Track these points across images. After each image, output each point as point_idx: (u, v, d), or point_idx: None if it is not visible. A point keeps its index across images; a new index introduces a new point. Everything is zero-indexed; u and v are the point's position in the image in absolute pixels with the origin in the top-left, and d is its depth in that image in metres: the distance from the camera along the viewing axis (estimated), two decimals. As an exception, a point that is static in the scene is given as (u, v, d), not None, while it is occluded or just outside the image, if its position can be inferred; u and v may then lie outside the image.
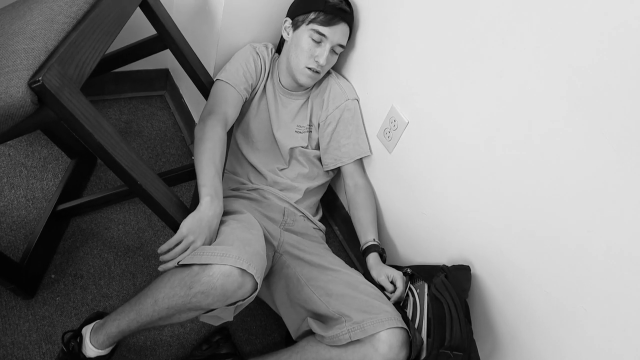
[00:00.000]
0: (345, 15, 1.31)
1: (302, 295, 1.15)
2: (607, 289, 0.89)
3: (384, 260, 1.30)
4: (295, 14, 1.33)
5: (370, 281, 1.21)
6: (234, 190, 1.38)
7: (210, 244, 1.02)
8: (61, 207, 1.34)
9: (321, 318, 1.12)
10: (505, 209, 1.07)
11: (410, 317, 1.13)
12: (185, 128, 1.81)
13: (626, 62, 0.79)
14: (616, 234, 0.85)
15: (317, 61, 1.30)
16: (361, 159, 1.47)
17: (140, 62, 1.78)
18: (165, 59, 1.85)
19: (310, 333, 1.13)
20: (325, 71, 1.37)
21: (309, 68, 1.31)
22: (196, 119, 1.73)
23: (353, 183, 1.44)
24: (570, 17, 0.86)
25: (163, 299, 0.96)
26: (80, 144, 1.50)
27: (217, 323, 1.10)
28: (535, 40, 0.93)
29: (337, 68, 1.53)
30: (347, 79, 1.49)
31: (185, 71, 1.31)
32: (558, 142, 0.92)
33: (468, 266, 1.17)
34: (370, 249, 1.30)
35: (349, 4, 1.34)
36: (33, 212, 1.37)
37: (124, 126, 1.75)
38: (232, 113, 1.29)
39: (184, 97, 1.80)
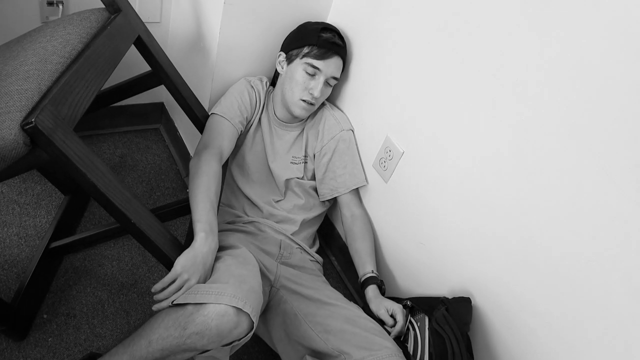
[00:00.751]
0: (338, 49, 1.32)
1: (300, 332, 1.13)
2: (609, 318, 0.87)
3: (383, 292, 1.28)
4: (289, 48, 1.35)
5: (370, 315, 1.19)
6: (229, 223, 1.37)
7: (205, 282, 1.00)
8: (54, 244, 1.31)
9: (320, 355, 1.09)
10: (504, 238, 1.06)
11: (411, 352, 1.10)
12: (181, 161, 1.80)
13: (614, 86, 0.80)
14: (617, 261, 0.84)
15: (311, 93, 1.31)
16: (357, 189, 1.46)
17: (135, 96, 1.80)
18: (160, 93, 1.86)
19: (309, 371, 1.10)
20: (320, 103, 1.38)
21: (304, 100, 1.32)
22: (191, 152, 1.72)
23: (350, 213, 1.43)
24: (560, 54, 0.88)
25: (157, 340, 0.93)
26: (73, 180, 1.49)
27: None
28: (525, 73, 0.94)
29: (331, 99, 1.54)
30: (341, 110, 1.50)
31: (180, 106, 1.32)
32: (555, 170, 0.92)
33: (469, 298, 1.15)
34: (369, 281, 1.28)
35: (342, 38, 1.36)
36: (25, 250, 1.35)
37: (118, 160, 1.74)
38: (228, 146, 1.29)
39: (179, 130, 1.81)
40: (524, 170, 0.99)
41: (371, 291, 1.26)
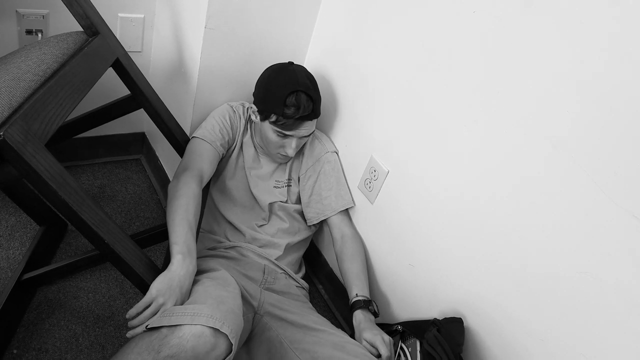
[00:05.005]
0: (309, 116, 1.25)
1: (286, 361, 1.07)
2: (604, 333, 0.84)
3: (375, 314, 1.22)
4: (259, 107, 1.30)
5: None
6: (210, 249, 1.32)
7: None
8: (26, 276, 1.25)
9: (308, 385, 1.03)
10: (494, 258, 1.03)
11: (403, 378, 1.05)
12: (162, 190, 1.77)
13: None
14: (609, 273, 0.82)
15: (285, 152, 1.31)
16: (347, 210, 1.43)
17: (115, 126, 1.78)
18: (141, 123, 1.84)
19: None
20: (293, 155, 1.34)
21: (280, 154, 1.33)
22: (173, 181, 1.69)
23: (340, 235, 1.38)
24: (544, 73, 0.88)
25: None
26: (49, 210, 1.44)
27: None
28: (508, 92, 0.95)
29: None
30: (325, 134, 1.49)
31: (160, 130, 1.29)
32: (543, 186, 0.91)
33: (460, 318, 1.11)
34: (354, 306, 1.23)
35: (311, 99, 1.25)
36: (-4, 283, 1.29)
37: (97, 191, 1.70)
38: (208, 169, 1.26)
39: (160, 159, 1.78)
40: (512, 189, 0.98)
41: (355, 318, 1.20)
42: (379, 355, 1.09)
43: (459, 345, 1.07)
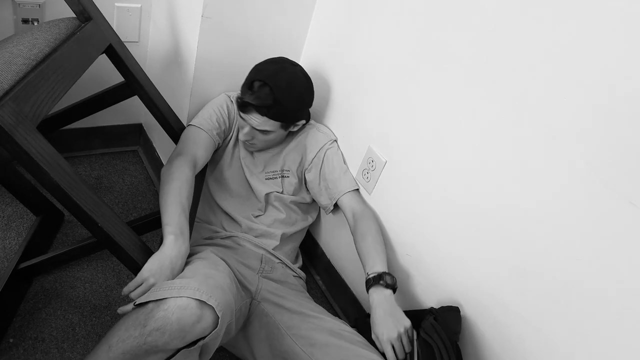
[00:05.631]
0: (256, 108, 1.22)
1: (284, 347, 1.07)
2: (597, 321, 0.84)
3: (390, 286, 1.11)
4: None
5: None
6: (207, 239, 1.32)
7: None
8: (23, 265, 1.25)
9: (304, 372, 1.03)
10: (490, 246, 1.03)
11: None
12: (159, 182, 1.75)
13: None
14: (608, 267, 0.82)
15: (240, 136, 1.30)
16: (356, 190, 1.38)
17: (113, 118, 1.77)
18: (139, 114, 1.84)
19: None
20: (259, 148, 1.34)
21: (242, 140, 1.31)
22: (170, 172, 1.69)
23: (351, 215, 1.32)
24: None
25: (117, 343, 0.87)
26: (45, 201, 1.43)
27: None
28: (509, 78, 0.94)
29: (313, 114, 1.52)
30: (324, 125, 1.48)
31: (155, 117, 1.29)
32: (541, 176, 0.91)
33: (457, 307, 1.10)
34: (366, 286, 1.13)
35: (273, 97, 1.20)
36: (-8, 272, 1.28)
37: (94, 182, 1.69)
38: (202, 156, 1.25)
39: (157, 151, 1.77)
40: (509, 179, 0.97)
41: (370, 301, 1.10)
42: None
43: (455, 334, 1.06)
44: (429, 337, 1.02)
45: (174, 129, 1.30)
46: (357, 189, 1.37)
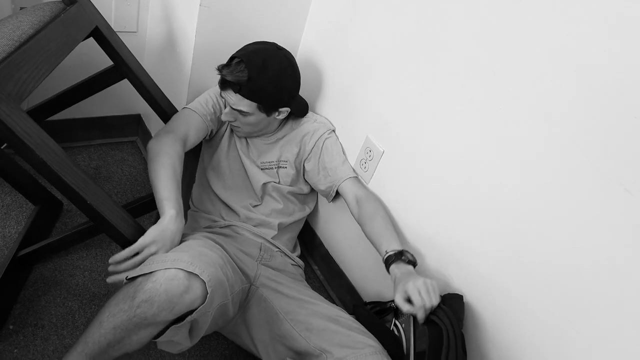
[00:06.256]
0: (230, 84, 1.20)
1: (282, 331, 1.08)
2: (596, 308, 0.85)
3: (411, 263, 1.10)
4: None
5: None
6: (206, 228, 1.33)
7: None
8: (22, 252, 1.25)
9: (301, 356, 1.04)
10: (489, 234, 1.04)
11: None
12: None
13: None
14: (608, 257, 0.83)
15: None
16: (356, 177, 1.38)
17: (111, 108, 1.78)
18: (137, 105, 1.84)
19: (291, 374, 1.05)
20: (246, 132, 1.33)
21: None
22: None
23: (355, 200, 1.30)
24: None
25: (108, 318, 0.89)
26: (44, 190, 1.44)
27: (175, 350, 1.01)
28: (506, 67, 0.95)
29: (311, 104, 1.52)
30: (321, 115, 1.49)
31: (145, 99, 1.28)
32: (540, 165, 0.92)
33: (461, 295, 1.11)
34: (387, 262, 1.11)
35: (247, 75, 1.18)
36: (-8, 260, 1.29)
37: (93, 172, 1.70)
38: (193, 137, 1.25)
39: (155, 141, 1.77)
40: (508, 168, 0.98)
41: (392, 276, 1.09)
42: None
43: (460, 321, 1.07)
44: (438, 319, 1.02)
45: (166, 112, 1.31)
46: (357, 177, 1.38)
